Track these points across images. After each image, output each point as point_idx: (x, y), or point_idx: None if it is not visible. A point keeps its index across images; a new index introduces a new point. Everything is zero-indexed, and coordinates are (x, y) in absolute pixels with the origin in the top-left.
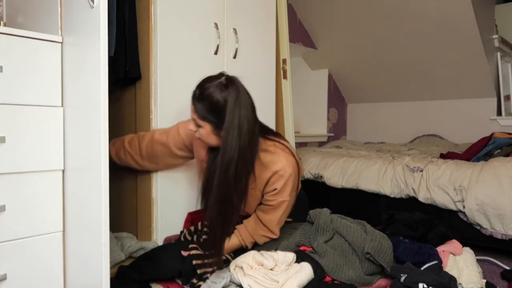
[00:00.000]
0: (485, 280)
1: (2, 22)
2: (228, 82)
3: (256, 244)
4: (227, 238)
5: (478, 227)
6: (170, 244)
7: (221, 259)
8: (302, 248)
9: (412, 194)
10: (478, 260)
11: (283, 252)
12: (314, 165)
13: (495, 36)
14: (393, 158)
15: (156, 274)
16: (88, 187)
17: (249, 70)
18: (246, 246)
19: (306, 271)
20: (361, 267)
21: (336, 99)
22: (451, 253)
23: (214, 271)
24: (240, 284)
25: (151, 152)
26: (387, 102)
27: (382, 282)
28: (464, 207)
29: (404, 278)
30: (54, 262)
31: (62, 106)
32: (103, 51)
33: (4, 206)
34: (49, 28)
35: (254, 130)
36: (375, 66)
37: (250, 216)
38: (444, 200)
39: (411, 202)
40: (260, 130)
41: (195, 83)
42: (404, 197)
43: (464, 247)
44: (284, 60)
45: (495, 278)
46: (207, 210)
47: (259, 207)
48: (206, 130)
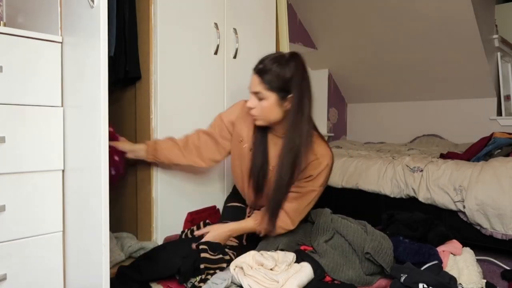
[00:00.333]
0: (485, 280)
1: (2, 22)
2: (291, 57)
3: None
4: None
5: (478, 227)
6: (170, 242)
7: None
8: (302, 248)
9: (412, 194)
10: (478, 260)
11: (283, 252)
12: None
13: (495, 36)
14: (393, 158)
15: (156, 273)
16: (88, 187)
17: (249, 70)
18: (260, 232)
19: (306, 271)
20: (361, 267)
21: (336, 99)
22: (451, 253)
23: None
24: (240, 284)
25: (197, 144)
26: (387, 102)
27: (382, 282)
28: (464, 207)
29: (404, 278)
30: (54, 262)
31: (62, 106)
32: (103, 51)
33: (4, 206)
34: (49, 28)
35: (312, 102)
36: (375, 66)
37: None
38: (444, 200)
39: (411, 202)
40: None
41: (195, 83)
42: (404, 197)
43: (464, 247)
44: None
45: (495, 278)
46: (263, 189)
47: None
48: (270, 102)
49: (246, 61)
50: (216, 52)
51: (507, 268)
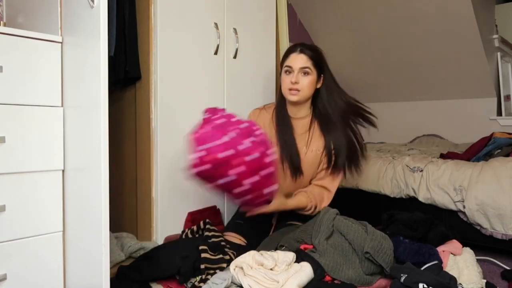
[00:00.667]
0: (485, 280)
1: (2, 22)
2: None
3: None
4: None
5: (478, 227)
6: (170, 242)
7: None
8: (302, 247)
9: (412, 194)
10: (478, 260)
11: (283, 252)
12: None
13: (495, 36)
14: (393, 158)
15: (156, 273)
16: (88, 187)
17: (249, 70)
18: (311, 209)
19: (306, 270)
20: (361, 267)
21: None
22: (451, 253)
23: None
24: (240, 284)
25: None
26: (387, 102)
27: (382, 282)
28: (464, 207)
29: (404, 278)
30: (54, 262)
31: (62, 106)
32: (103, 51)
33: (4, 206)
34: (49, 28)
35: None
36: (375, 66)
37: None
38: (444, 200)
39: (411, 202)
40: None
41: (195, 83)
42: (404, 197)
43: (464, 247)
44: None
45: (495, 278)
46: (300, 169)
47: (314, 181)
48: (313, 77)
49: (246, 61)
50: (216, 52)
51: (507, 268)
